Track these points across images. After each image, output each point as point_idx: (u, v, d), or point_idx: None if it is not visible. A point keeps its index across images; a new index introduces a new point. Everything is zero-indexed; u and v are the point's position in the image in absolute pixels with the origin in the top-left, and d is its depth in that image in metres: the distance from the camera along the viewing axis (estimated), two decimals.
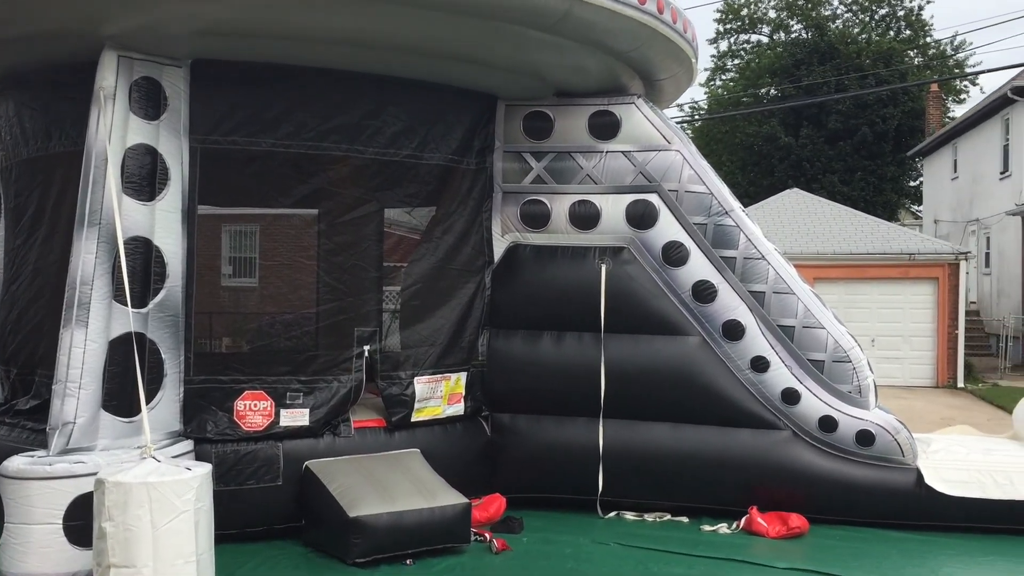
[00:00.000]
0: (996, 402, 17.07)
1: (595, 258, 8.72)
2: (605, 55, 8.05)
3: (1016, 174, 23.58)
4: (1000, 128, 24.90)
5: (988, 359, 23.79)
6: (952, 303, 20.00)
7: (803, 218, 22.57)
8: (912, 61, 40.01)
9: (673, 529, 8.23)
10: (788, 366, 8.51)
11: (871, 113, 37.05)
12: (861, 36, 39.99)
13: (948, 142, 30.28)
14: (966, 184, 28.46)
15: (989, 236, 26.75)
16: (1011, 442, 9.41)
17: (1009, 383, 19.95)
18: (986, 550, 7.69)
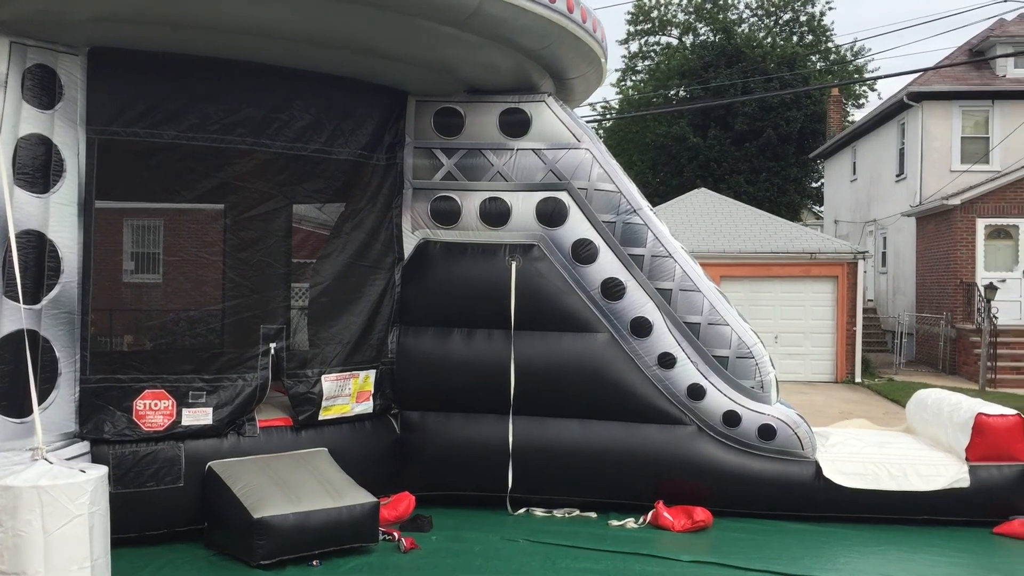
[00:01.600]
0: (891, 397, 17.73)
1: (505, 255, 8.73)
2: (516, 52, 8.07)
3: (911, 177, 24.52)
4: (896, 132, 25.85)
5: (884, 355, 24.70)
6: (851, 301, 20.69)
7: (710, 217, 23.05)
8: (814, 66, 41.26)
9: (582, 525, 8.30)
10: (694, 362, 8.67)
11: (775, 116, 38.07)
12: (766, 40, 41.06)
13: (848, 145, 31.32)
14: (864, 186, 29.47)
15: (886, 236, 27.76)
16: (905, 435, 9.77)
17: (904, 378, 20.75)
18: (880, 540, 7.98)
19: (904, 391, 16.20)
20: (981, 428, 8.40)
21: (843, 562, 7.42)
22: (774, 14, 42.56)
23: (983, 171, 22.77)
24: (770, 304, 20.94)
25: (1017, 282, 21.37)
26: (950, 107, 23.46)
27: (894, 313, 26.17)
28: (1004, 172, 22.11)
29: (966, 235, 21.55)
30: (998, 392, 17.99)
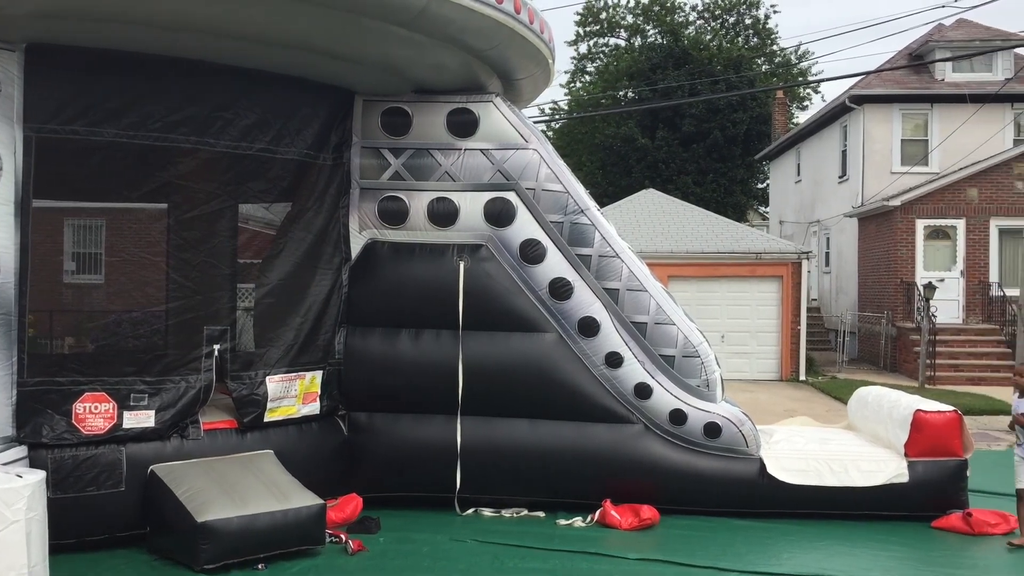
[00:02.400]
0: (834, 394, 18.03)
1: (453, 255, 8.73)
2: (463, 53, 8.07)
3: (853, 178, 24.98)
4: (839, 134, 26.32)
5: (828, 353, 25.12)
6: (795, 300, 21.01)
7: (658, 218, 23.25)
8: (760, 68, 41.83)
9: (530, 524, 8.33)
10: (641, 362, 8.74)
11: (722, 117, 38.51)
12: (713, 43, 41.51)
13: (792, 147, 31.81)
14: (808, 187, 29.96)
15: (829, 237, 28.25)
16: (846, 432, 9.97)
17: (846, 376, 21.12)
18: (822, 535, 8.12)
19: (846, 389, 16.47)
20: (919, 424, 8.59)
21: (786, 557, 7.54)
22: (720, 17, 43.06)
23: (922, 173, 23.29)
24: (717, 304, 21.17)
25: (955, 281, 21.89)
26: (890, 110, 23.95)
27: (837, 312, 26.64)
28: (942, 174, 22.63)
29: (906, 236, 22.03)
30: (937, 389, 18.40)
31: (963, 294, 21.91)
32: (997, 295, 21.39)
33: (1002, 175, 21.69)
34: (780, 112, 35.91)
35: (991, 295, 21.57)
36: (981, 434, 13.87)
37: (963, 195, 21.90)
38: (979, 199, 21.82)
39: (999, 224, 21.67)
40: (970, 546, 7.95)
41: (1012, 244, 20.68)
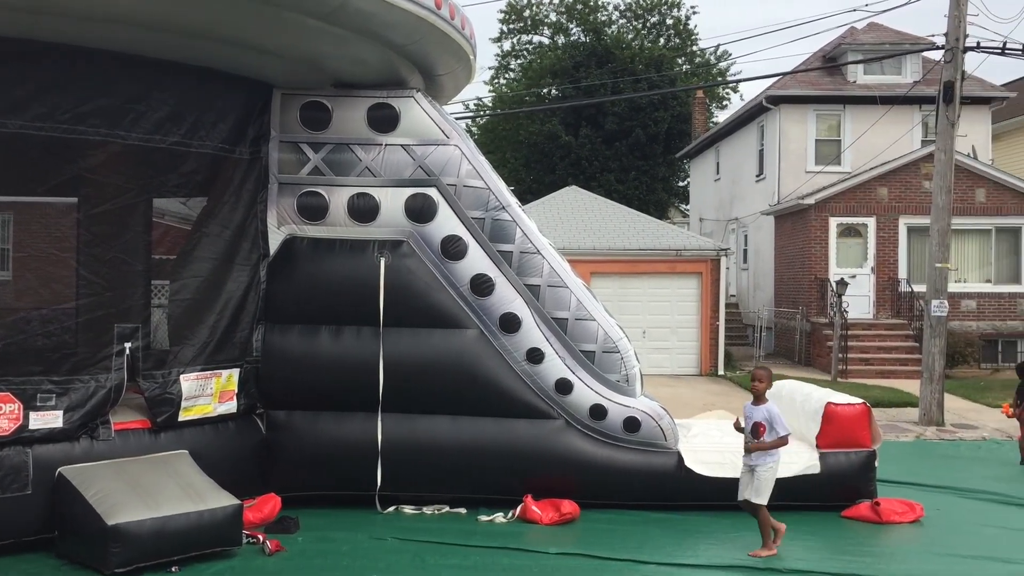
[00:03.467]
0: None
1: (374, 251, 8.66)
2: (384, 47, 8.01)
3: (770, 177, 25.54)
4: (756, 134, 26.89)
5: (745, 348, 25.66)
6: (714, 296, 21.41)
7: (581, 215, 23.43)
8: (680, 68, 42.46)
9: (451, 521, 8.32)
10: (562, 357, 8.80)
11: (644, 116, 39.00)
12: (635, 42, 41.99)
13: (711, 146, 32.38)
14: (727, 185, 30.54)
15: (747, 234, 28.85)
16: None
17: None
18: (738, 526, 8.27)
19: None
20: (830, 417, 8.83)
21: (703, 548, 7.68)
22: (642, 17, 43.58)
23: (835, 172, 23.93)
24: (638, 300, 21.43)
25: (866, 278, 22.56)
26: (805, 111, 24.56)
27: (755, 308, 27.22)
28: (854, 173, 23.29)
29: (820, 233, 22.62)
30: (849, 382, 18.97)
31: (874, 290, 22.60)
32: (906, 291, 22.12)
33: (911, 175, 22.43)
34: (700, 111, 36.53)
35: (900, 291, 22.30)
36: (890, 425, 14.34)
37: (874, 194, 22.57)
38: (889, 198, 22.52)
39: (908, 222, 22.40)
40: (878, 534, 8.21)
41: (920, 242, 21.38)
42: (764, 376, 7.55)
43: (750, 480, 7.44)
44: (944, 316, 14.99)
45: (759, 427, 7.37)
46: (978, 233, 22.41)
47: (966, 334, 21.38)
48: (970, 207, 22.00)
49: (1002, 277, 22.44)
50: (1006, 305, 22.23)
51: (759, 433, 7.36)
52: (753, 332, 26.25)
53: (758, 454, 7.37)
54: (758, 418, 7.39)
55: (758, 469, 7.38)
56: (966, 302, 22.06)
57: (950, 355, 18.46)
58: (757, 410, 7.43)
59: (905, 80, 23.88)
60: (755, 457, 7.39)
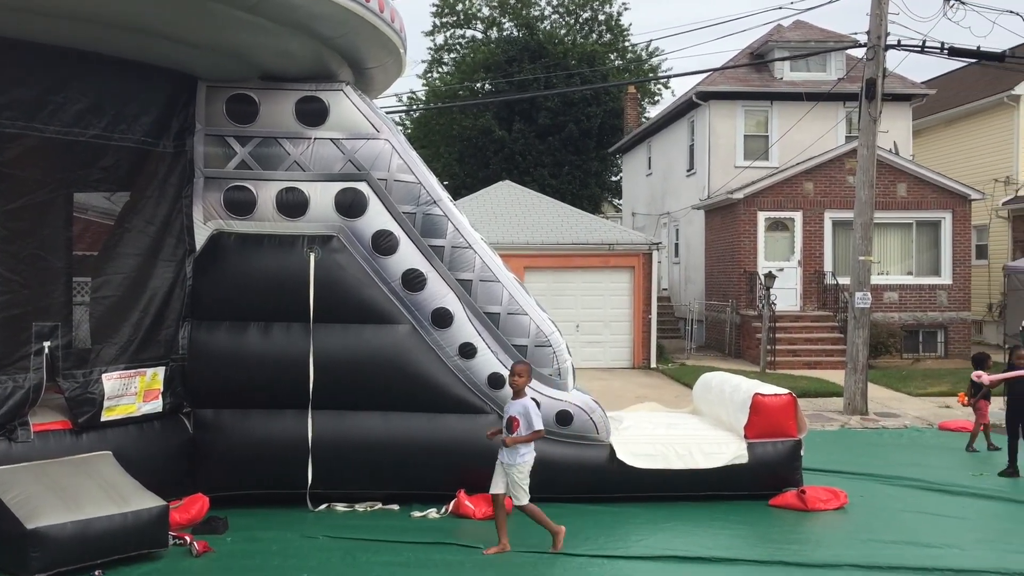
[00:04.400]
0: (682, 380, 18.68)
1: (303, 247, 8.55)
2: (312, 40, 7.89)
3: (700, 172, 25.91)
4: (687, 129, 27.24)
5: (677, 341, 26.01)
6: (646, 290, 21.64)
7: (514, 209, 23.46)
8: (612, 63, 42.79)
9: (383, 518, 8.27)
10: (494, 352, 8.80)
11: (577, 111, 39.23)
12: (567, 38, 42.20)
13: (643, 141, 32.70)
14: (659, 180, 30.88)
15: (678, 228, 29.22)
16: (691, 416, 10.35)
17: (694, 362, 21.91)
18: (669, 516, 8.41)
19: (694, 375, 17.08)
20: (758, 407, 9.00)
21: (635, 539, 7.75)
22: (575, 12, 43.80)
23: (763, 167, 24.38)
24: (572, 294, 21.55)
25: (793, 271, 23.03)
26: (734, 107, 24.96)
27: (686, 301, 27.59)
28: (782, 168, 23.75)
29: (748, 227, 23.02)
30: (777, 373, 19.36)
31: (800, 283, 23.08)
32: (831, 283, 22.64)
33: (835, 170, 22.95)
34: (632, 107, 36.86)
35: (826, 283, 22.82)
36: (816, 415, 14.68)
37: (800, 189, 23.05)
38: (815, 193, 23.02)
39: (833, 216, 22.93)
40: (804, 522, 8.39)
41: (844, 235, 21.88)
42: (523, 371, 7.40)
43: (502, 477, 7.29)
44: (867, 308, 15.37)
45: (513, 421, 7.24)
46: (900, 227, 23.04)
47: (889, 325, 21.98)
48: (892, 201, 22.61)
49: (923, 269, 23.12)
50: (926, 297, 22.91)
51: (513, 428, 7.22)
52: (685, 325, 26.62)
53: (510, 452, 7.20)
54: (513, 412, 7.28)
55: (511, 469, 7.23)
56: (888, 294, 22.68)
57: (873, 345, 18.96)
58: (514, 405, 7.33)
59: (830, 77, 24.42)
60: (506, 455, 7.23)
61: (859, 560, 7.15)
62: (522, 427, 7.24)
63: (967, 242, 23.10)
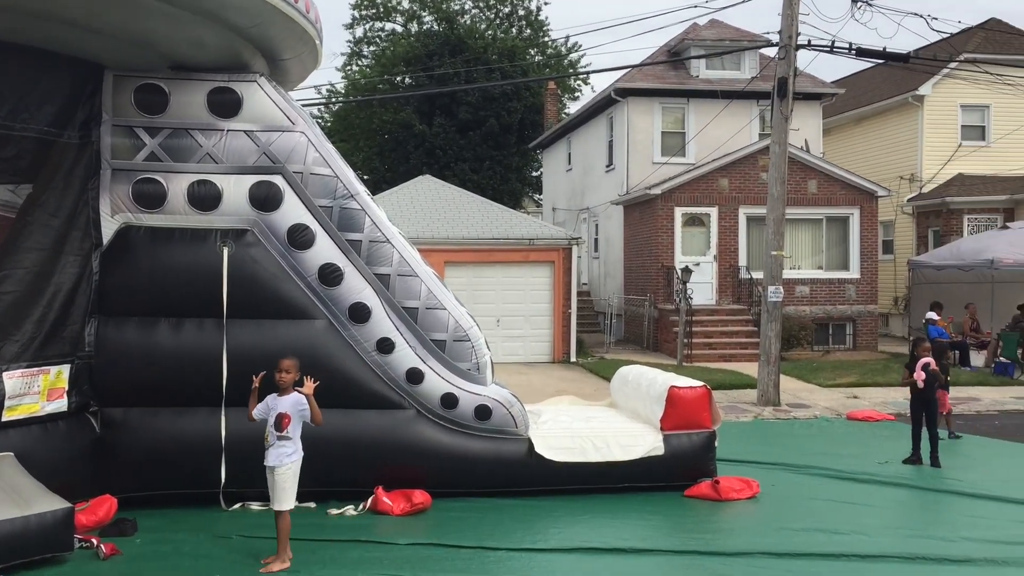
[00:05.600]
0: (601, 374, 18.86)
1: (216, 241, 8.37)
2: (224, 30, 7.71)
3: (619, 167, 26.19)
4: (606, 125, 27.49)
5: (597, 335, 26.26)
6: (566, 285, 21.79)
7: (435, 204, 23.37)
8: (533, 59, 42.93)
9: (300, 516, 8.10)
10: (412, 347, 8.76)
11: (497, 106, 39.26)
12: (488, 32, 42.18)
13: (563, 136, 32.91)
14: (579, 175, 31.12)
15: (598, 223, 29.49)
16: (609, 409, 10.46)
17: (613, 356, 22.16)
18: (586, 509, 8.48)
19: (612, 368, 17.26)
20: (673, 400, 9.14)
21: (553, 532, 7.80)
22: (494, 7, 43.81)
23: (680, 163, 24.76)
24: (492, 289, 21.58)
25: (709, 265, 23.46)
26: (652, 103, 25.29)
27: (605, 295, 27.88)
28: (698, 165, 24.16)
29: (666, 222, 23.36)
30: (694, 366, 19.70)
31: (716, 277, 23.53)
32: (746, 278, 23.14)
33: (749, 166, 23.44)
34: (552, 102, 37.04)
35: (740, 278, 23.31)
36: (730, 406, 14.99)
37: (716, 185, 23.48)
38: (730, 189, 23.49)
39: (747, 212, 23.42)
40: (718, 511, 8.56)
41: (758, 230, 22.40)
42: (291, 367, 6.95)
43: (272, 483, 6.87)
44: (780, 301, 15.74)
45: (283, 419, 6.84)
46: (811, 222, 23.66)
47: (800, 318, 22.56)
48: (803, 198, 23.20)
49: (832, 264, 23.78)
50: (836, 291, 23.59)
51: (283, 426, 6.83)
52: (604, 319, 26.89)
53: (276, 454, 6.82)
54: (282, 409, 6.86)
55: (276, 471, 6.82)
56: (800, 288, 23.28)
57: (785, 338, 19.48)
58: (282, 401, 6.90)
59: (744, 76, 24.91)
60: (272, 457, 6.83)
61: (770, 548, 7.33)
62: (292, 424, 6.82)
63: (874, 238, 23.86)
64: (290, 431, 6.87)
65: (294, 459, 6.89)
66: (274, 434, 6.88)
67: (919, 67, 23.48)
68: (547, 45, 43.49)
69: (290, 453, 6.87)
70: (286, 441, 6.86)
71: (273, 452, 6.87)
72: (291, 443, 6.89)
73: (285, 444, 6.86)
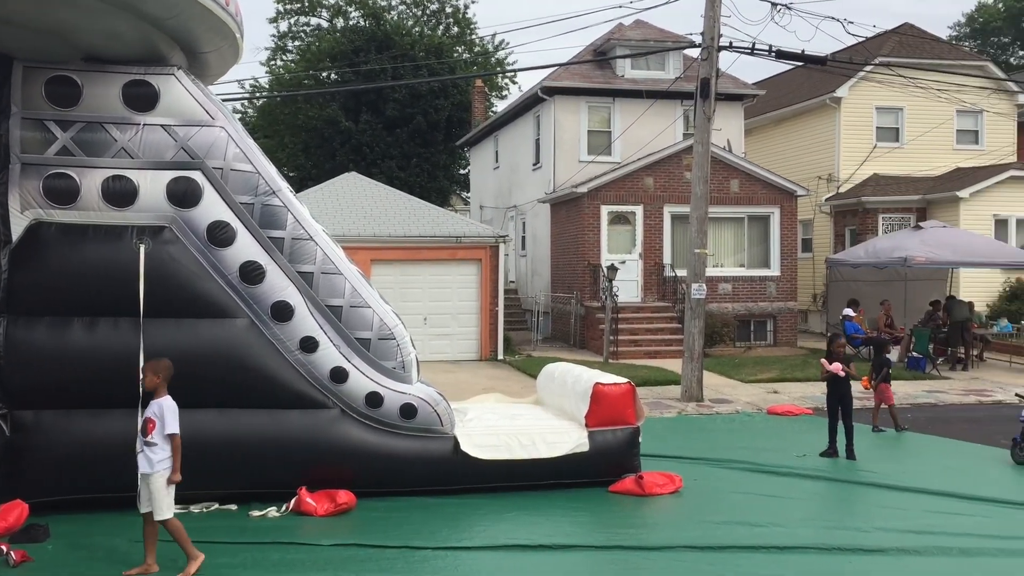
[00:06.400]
0: (528, 371, 18.93)
1: (132, 238, 8.16)
2: (140, 21, 7.51)
3: (546, 166, 26.31)
4: (533, 124, 27.59)
5: (524, 333, 26.34)
6: (493, 283, 21.80)
7: (361, 201, 23.16)
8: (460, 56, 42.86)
9: (220, 518, 8.00)
10: (336, 345, 8.67)
11: (425, 103, 39.09)
12: (415, 29, 41.96)
13: (491, 134, 32.92)
14: (506, 173, 31.17)
15: (525, 221, 29.58)
16: (535, 407, 10.50)
17: (540, 354, 22.25)
18: (512, 506, 8.50)
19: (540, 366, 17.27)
20: (598, 396, 9.22)
21: (478, 530, 7.80)
22: (422, 4, 43.62)
23: (606, 162, 24.98)
24: (419, 287, 21.49)
25: (635, 263, 23.72)
26: (578, 102, 25.45)
27: (533, 293, 27.98)
28: (623, 164, 24.40)
29: (592, 220, 23.55)
30: (619, 363, 19.90)
31: (641, 275, 23.80)
32: (670, 275, 23.46)
33: (674, 165, 23.76)
34: (479, 100, 37.02)
35: (665, 276, 23.62)
36: (655, 402, 15.18)
37: (641, 184, 23.75)
38: (655, 188, 23.78)
39: (671, 211, 23.74)
40: (642, 506, 8.66)
41: (682, 229, 22.71)
42: (158, 368, 6.77)
43: (146, 492, 6.63)
44: (703, 299, 16.00)
45: (148, 423, 6.63)
46: (733, 221, 24.10)
47: (723, 315, 22.97)
48: (726, 197, 23.62)
49: (754, 262, 24.26)
50: (758, 288, 24.08)
51: (148, 431, 6.62)
52: (531, 317, 26.98)
53: (145, 460, 6.58)
54: (148, 414, 6.68)
55: (148, 478, 6.59)
56: (723, 285, 23.69)
57: (709, 335, 19.81)
58: (151, 405, 6.73)
59: (668, 76, 25.24)
60: (144, 463, 6.59)
61: (692, 542, 7.44)
62: (157, 429, 6.59)
63: (794, 236, 24.41)
64: (155, 436, 6.60)
65: (166, 464, 6.62)
66: (140, 440, 6.65)
67: (836, 70, 24.11)
68: (474, 43, 43.45)
69: (161, 459, 6.59)
70: (153, 447, 6.60)
71: (143, 459, 6.60)
72: (159, 449, 6.60)
73: (154, 450, 6.59)
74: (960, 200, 24.98)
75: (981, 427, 13.20)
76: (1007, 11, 50.25)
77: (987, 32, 52.09)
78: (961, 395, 16.41)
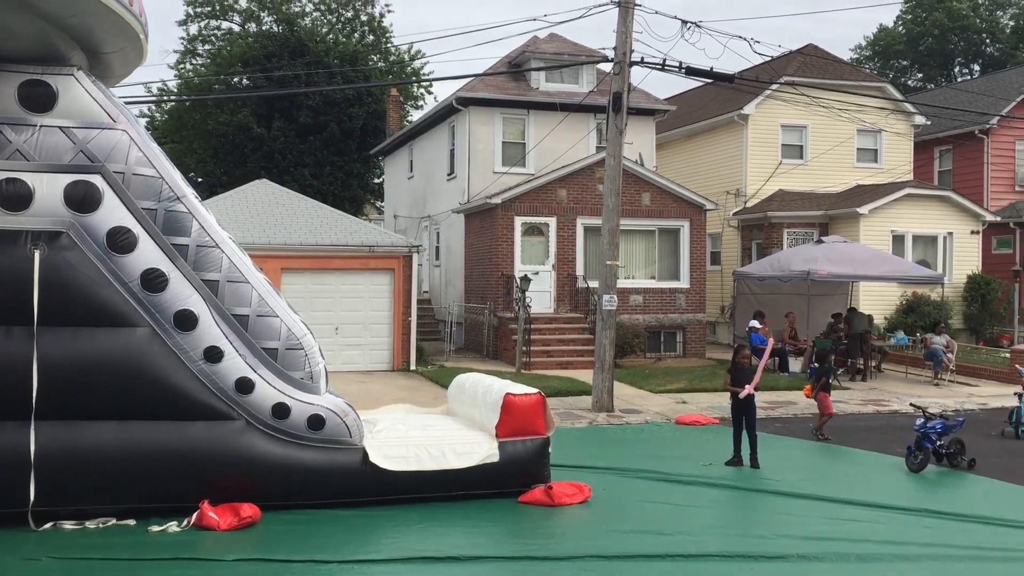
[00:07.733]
0: (441, 382, 18.83)
1: (27, 243, 7.86)
2: (36, 18, 7.25)
3: (460, 176, 26.31)
4: (448, 134, 27.57)
5: (437, 343, 26.24)
6: (406, 292, 21.66)
7: (272, 209, 22.77)
8: (376, 65, 42.59)
9: (118, 534, 7.73)
10: (242, 355, 8.48)
11: (339, 111, 38.72)
12: (329, 36, 41.55)
13: (405, 144, 32.78)
14: (421, 183, 31.06)
15: (439, 231, 29.51)
16: (445, 417, 10.45)
17: (454, 364, 22.18)
18: (422, 518, 8.42)
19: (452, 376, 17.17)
20: (508, 407, 9.23)
21: (386, 543, 7.71)
22: (336, 11, 43.24)
23: (520, 174, 25.12)
24: (331, 296, 21.22)
25: (548, 274, 23.87)
26: (493, 113, 25.55)
27: (446, 303, 27.91)
28: (537, 175, 24.56)
29: (506, 231, 23.62)
30: (532, 373, 19.98)
31: (554, 286, 23.96)
32: (583, 287, 23.67)
33: (587, 178, 24.02)
34: (394, 109, 36.84)
35: (578, 287, 23.82)
36: (566, 413, 15.27)
37: (555, 195, 23.94)
38: (568, 199, 23.98)
39: (584, 222, 23.98)
40: (551, 517, 8.68)
41: (595, 241, 22.93)
42: None
43: None
44: (614, 310, 16.18)
45: None
46: (644, 233, 24.47)
47: (634, 326, 23.27)
48: (637, 209, 23.97)
49: (664, 274, 24.67)
50: (667, 300, 24.48)
51: None
52: (445, 327, 26.90)
53: None
54: None
55: None
56: (634, 297, 24.02)
57: (620, 346, 20.05)
58: None
59: (582, 89, 25.54)
60: None
61: (600, 551, 7.49)
62: None
63: (703, 249, 24.91)
64: None
65: None
66: None
67: (743, 87, 24.73)
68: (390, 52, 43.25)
69: None
70: None
71: None
72: None
73: None
74: (860, 216, 25.87)
75: (879, 436, 13.65)
76: (907, 34, 52.40)
77: (888, 55, 54.27)
78: (860, 405, 16.95)
